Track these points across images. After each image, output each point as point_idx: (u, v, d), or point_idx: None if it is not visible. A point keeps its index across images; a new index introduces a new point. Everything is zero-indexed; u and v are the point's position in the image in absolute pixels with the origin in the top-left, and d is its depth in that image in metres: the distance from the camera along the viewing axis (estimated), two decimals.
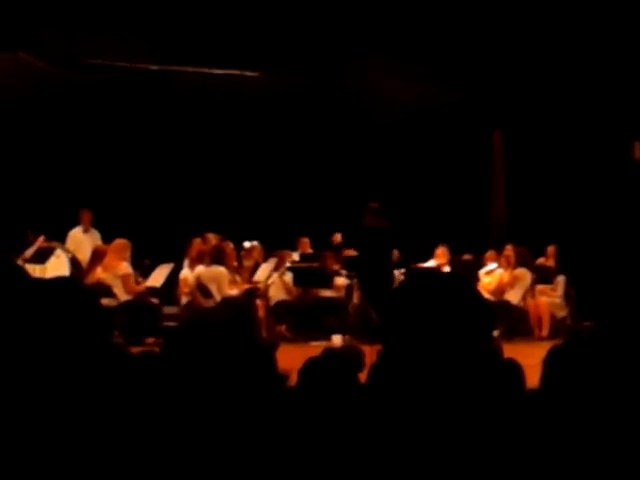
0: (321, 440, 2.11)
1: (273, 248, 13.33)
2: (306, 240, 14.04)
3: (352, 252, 12.95)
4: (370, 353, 6.03)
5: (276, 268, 12.70)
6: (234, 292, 11.78)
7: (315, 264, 12.99)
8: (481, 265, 13.71)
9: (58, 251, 12.07)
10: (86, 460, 2.03)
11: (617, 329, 2.25)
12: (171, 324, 10.80)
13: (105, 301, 10.66)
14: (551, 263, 13.79)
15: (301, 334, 12.33)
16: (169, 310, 12.01)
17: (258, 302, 12.07)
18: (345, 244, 13.24)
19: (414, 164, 15.17)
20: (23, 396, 2.08)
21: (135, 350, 4.38)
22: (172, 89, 14.12)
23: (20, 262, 11.24)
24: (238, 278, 12.23)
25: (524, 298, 13.12)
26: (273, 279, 12.72)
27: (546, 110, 14.44)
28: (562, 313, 13.18)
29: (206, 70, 13.84)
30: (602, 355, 2.33)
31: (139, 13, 12.51)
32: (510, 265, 13.11)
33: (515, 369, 3.45)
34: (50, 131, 13.94)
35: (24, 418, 2.05)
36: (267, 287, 12.60)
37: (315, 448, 2.09)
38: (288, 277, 12.92)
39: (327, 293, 13.01)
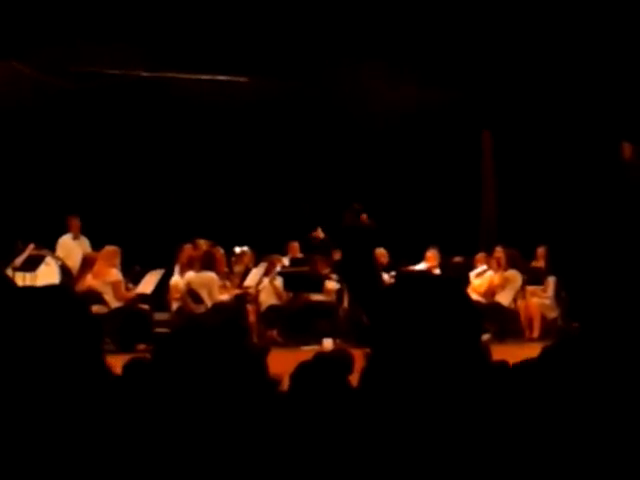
0: (314, 444, 2.11)
1: (263, 253, 13.33)
2: (296, 244, 14.02)
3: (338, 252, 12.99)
4: (360, 357, 6.01)
5: (266, 273, 12.69)
6: (225, 297, 11.77)
7: (305, 268, 12.99)
8: (472, 267, 13.73)
9: (48, 259, 12.05)
10: (76, 468, 2.02)
11: (605, 330, 2.26)
12: (162, 330, 10.82)
13: (96, 308, 10.66)
14: (541, 264, 13.79)
15: (292, 339, 12.32)
16: (160, 316, 12.01)
17: (249, 307, 12.08)
18: (329, 242, 13.23)
19: (403, 166, 15.18)
20: (13, 405, 2.07)
21: (126, 357, 4.37)
22: (163, 96, 14.10)
23: (10, 271, 11.24)
24: (229, 283, 12.23)
25: (515, 299, 13.14)
26: (264, 284, 12.72)
27: (535, 111, 14.46)
28: (553, 314, 13.18)
29: (197, 76, 13.82)
30: (594, 356, 2.33)
31: (130, 21, 12.50)
32: (501, 267, 13.14)
33: (506, 370, 3.45)
34: (40, 139, 13.91)
35: (14, 426, 2.05)
36: (258, 292, 12.59)
37: (308, 452, 2.09)
38: (279, 282, 12.91)
39: (318, 297, 12.99)
